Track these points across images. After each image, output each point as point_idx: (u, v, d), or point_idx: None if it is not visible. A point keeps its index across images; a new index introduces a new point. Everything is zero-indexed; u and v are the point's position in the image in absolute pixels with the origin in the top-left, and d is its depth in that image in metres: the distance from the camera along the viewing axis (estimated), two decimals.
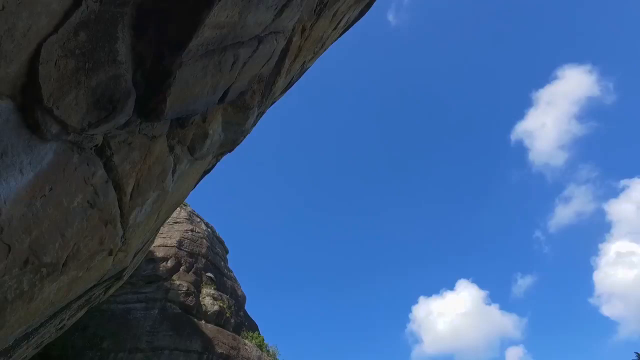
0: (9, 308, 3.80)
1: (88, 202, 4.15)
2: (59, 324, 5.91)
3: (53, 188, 3.60)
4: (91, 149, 3.92)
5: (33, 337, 5.19)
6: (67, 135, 3.42)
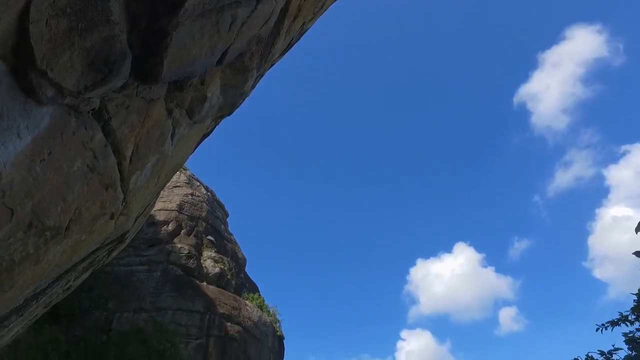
0: (16, 269, 3.89)
1: (88, 166, 4.14)
2: (66, 285, 6.07)
3: (52, 152, 3.59)
4: (88, 112, 3.88)
5: (42, 297, 5.35)
6: (63, 98, 3.37)
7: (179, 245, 41.14)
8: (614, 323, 7.13)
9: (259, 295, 48.51)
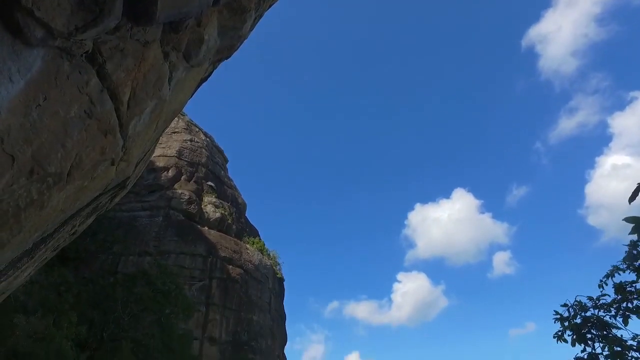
0: (22, 215, 3.95)
1: (85, 112, 4.07)
2: (71, 230, 6.19)
3: (47, 97, 3.52)
4: (81, 55, 3.75)
5: (49, 241, 5.48)
6: (53, 40, 3.24)
7: (179, 191, 41.62)
8: (609, 275, 7.40)
9: (260, 239, 49.85)
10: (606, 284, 7.53)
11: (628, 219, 5.83)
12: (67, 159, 4.32)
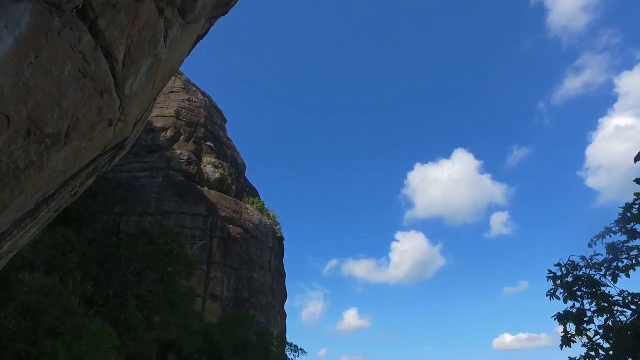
0: (22, 176, 3.95)
1: (79, 70, 3.97)
2: (72, 190, 6.21)
3: (39, 55, 3.42)
4: (72, 11, 3.61)
5: (51, 202, 5.51)
6: None
7: (178, 152, 41.49)
8: (600, 236, 7.54)
9: (259, 199, 50.24)
10: (595, 244, 7.69)
11: (638, 180, 5.88)
12: (63, 120, 4.27)
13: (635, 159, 5.45)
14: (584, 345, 7.36)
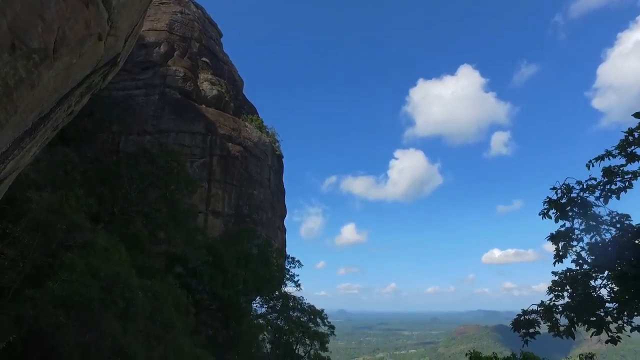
0: (14, 94, 3.86)
1: None
2: (68, 109, 6.10)
3: None
4: None
5: (48, 121, 5.45)
6: None
7: (173, 68, 40.05)
8: (599, 159, 7.54)
9: (258, 116, 49.57)
10: (593, 165, 7.76)
11: (637, 114, 5.77)
12: (49, 33, 4.07)
13: None
14: (572, 261, 7.83)
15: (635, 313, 7.14)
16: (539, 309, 8.09)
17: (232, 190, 38.62)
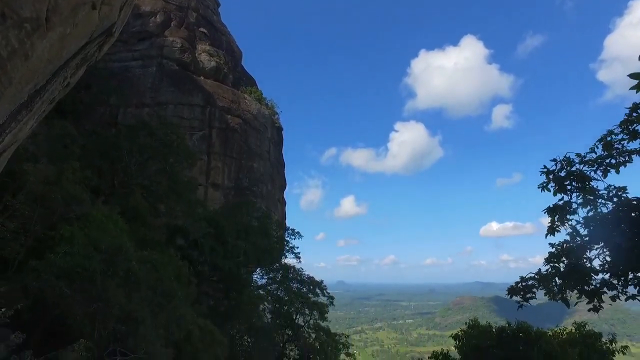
0: (8, 65, 3.81)
1: None
2: (63, 81, 6.02)
3: None
4: None
5: (44, 94, 5.39)
6: None
7: (170, 39, 39.25)
8: (602, 139, 7.51)
9: (257, 88, 48.94)
10: (597, 147, 7.74)
11: (633, 75, 5.65)
12: (40, 2, 3.98)
13: None
14: (567, 234, 7.93)
15: (630, 283, 7.31)
16: (535, 276, 8.29)
17: (232, 163, 38.60)
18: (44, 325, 12.42)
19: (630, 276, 7.25)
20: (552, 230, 8.06)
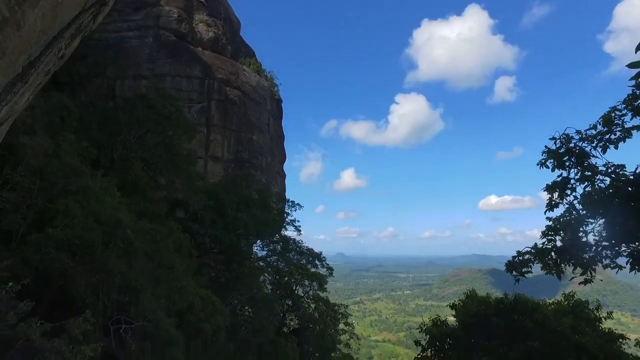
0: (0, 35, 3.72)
1: None
2: (58, 53, 5.91)
3: None
4: None
5: (39, 65, 5.31)
6: None
7: (167, 8, 38.29)
8: (605, 117, 7.43)
9: (256, 60, 48.11)
10: (599, 124, 7.69)
11: (632, 65, 5.54)
12: None
13: (637, 49, 5.05)
14: (565, 211, 8.02)
15: (622, 255, 7.46)
16: (532, 250, 8.47)
17: (232, 136, 38.41)
18: (49, 296, 12.67)
19: (624, 247, 7.40)
20: (551, 207, 8.15)
